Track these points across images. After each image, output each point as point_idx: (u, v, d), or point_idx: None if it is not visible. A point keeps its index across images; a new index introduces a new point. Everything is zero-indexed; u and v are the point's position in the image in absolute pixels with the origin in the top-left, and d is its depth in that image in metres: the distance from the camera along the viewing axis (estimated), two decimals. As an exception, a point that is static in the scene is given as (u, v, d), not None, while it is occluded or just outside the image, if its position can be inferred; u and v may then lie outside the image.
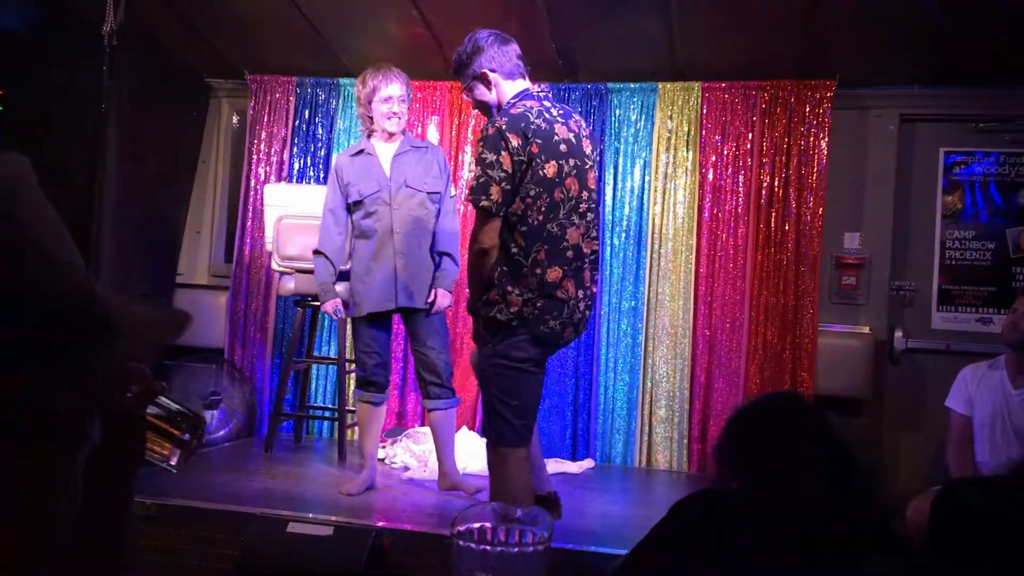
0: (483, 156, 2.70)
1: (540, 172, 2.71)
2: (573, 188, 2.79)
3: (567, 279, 2.76)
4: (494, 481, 2.82)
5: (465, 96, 3.10)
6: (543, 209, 2.71)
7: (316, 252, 3.77)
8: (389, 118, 3.65)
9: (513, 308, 2.71)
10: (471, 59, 2.92)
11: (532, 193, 2.70)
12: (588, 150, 2.93)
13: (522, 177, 2.70)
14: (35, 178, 0.65)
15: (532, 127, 2.71)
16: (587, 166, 2.88)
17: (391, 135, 3.71)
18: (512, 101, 2.86)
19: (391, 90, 3.62)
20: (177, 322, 0.76)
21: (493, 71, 2.89)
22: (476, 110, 3.14)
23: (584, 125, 3.01)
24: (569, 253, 2.77)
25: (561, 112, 2.90)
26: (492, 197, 2.67)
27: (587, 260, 2.85)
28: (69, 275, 0.63)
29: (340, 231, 3.74)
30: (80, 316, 0.62)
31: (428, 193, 3.66)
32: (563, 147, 2.78)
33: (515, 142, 2.68)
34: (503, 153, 2.67)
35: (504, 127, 2.70)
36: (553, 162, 2.73)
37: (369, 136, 3.77)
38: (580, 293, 2.82)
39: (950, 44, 4.15)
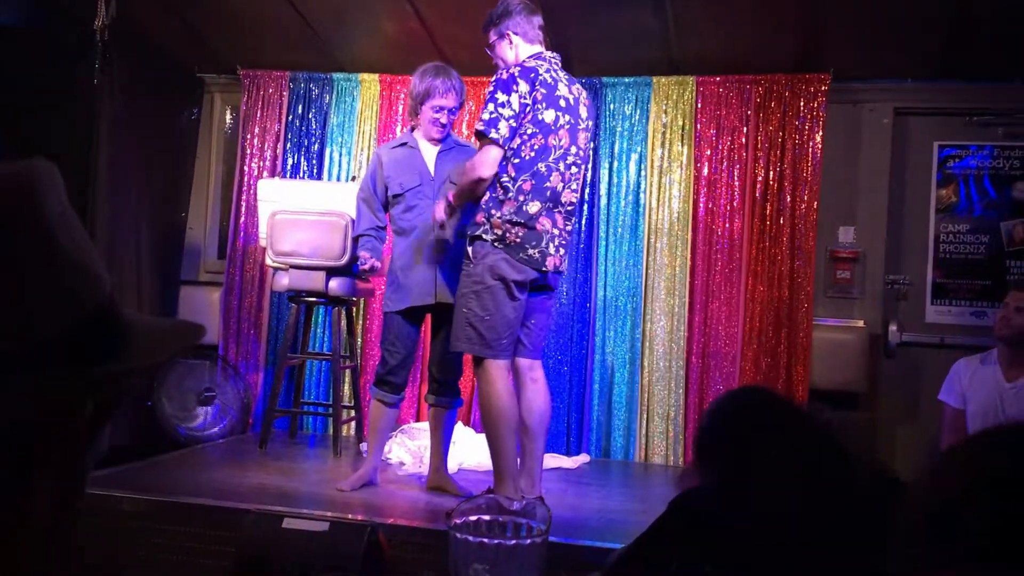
0: (496, 95, 3.08)
1: (539, 116, 3.09)
2: (564, 140, 3.16)
3: (543, 215, 3.12)
4: (480, 398, 3.23)
5: (487, 51, 3.36)
6: (536, 148, 3.10)
7: (356, 238, 3.72)
8: (435, 125, 3.60)
9: (497, 230, 3.09)
10: (500, 20, 3.27)
11: (529, 132, 3.09)
12: (584, 114, 3.26)
13: (524, 118, 3.08)
14: (63, 186, 0.65)
15: (540, 78, 3.10)
16: (580, 126, 3.23)
17: (434, 138, 3.67)
18: (526, 59, 3.22)
19: (446, 101, 3.57)
20: (191, 334, 0.76)
21: (516, 34, 3.25)
22: (495, 63, 3.41)
23: (585, 95, 3.32)
24: (549, 193, 3.12)
25: (566, 76, 3.26)
26: (500, 131, 3.06)
27: (564, 208, 3.20)
28: (95, 286, 0.63)
29: (374, 217, 3.67)
30: (102, 327, 0.62)
31: None
32: (562, 102, 3.16)
33: (524, 87, 3.07)
34: (513, 95, 3.07)
35: (517, 74, 3.10)
36: (552, 110, 3.12)
37: (412, 130, 3.72)
38: (555, 230, 3.16)
39: (944, 38, 4.15)
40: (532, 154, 3.09)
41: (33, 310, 0.58)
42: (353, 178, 4.88)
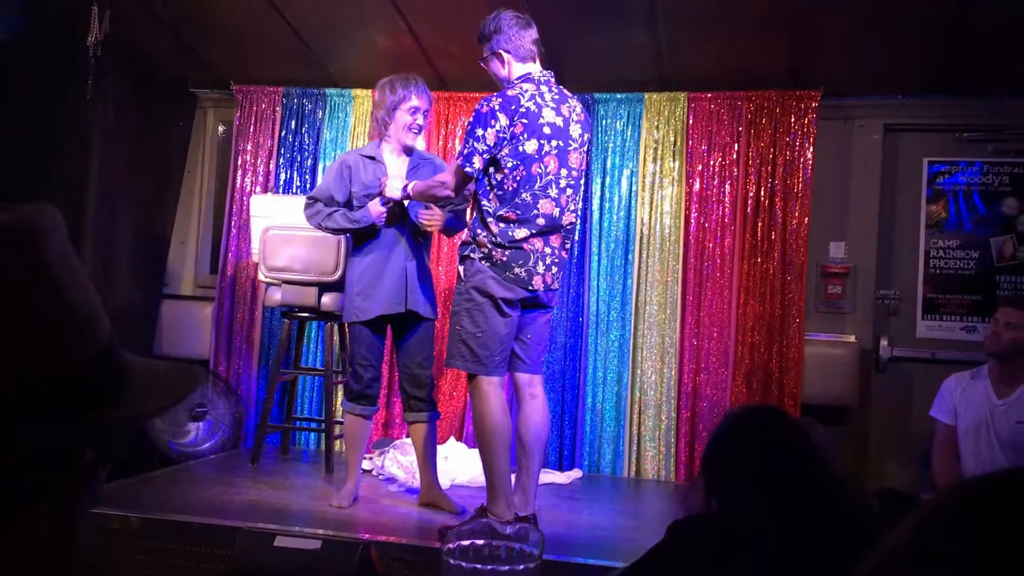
0: (474, 129, 3.09)
1: (520, 148, 3.07)
2: (552, 166, 3.12)
3: (534, 237, 3.12)
4: (474, 414, 3.21)
5: (481, 64, 3.33)
6: (518, 179, 3.08)
7: (329, 215, 3.59)
8: (411, 129, 3.60)
9: (483, 249, 3.11)
10: (491, 37, 3.23)
11: (510, 165, 3.08)
12: (576, 133, 3.21)
13: (501, 150, 3.07)
14: (65, 230, 0.65)
15: (521, 109, 3.06)
16: (570, 147, 3.18)
17: (405, 148, 3.65)
18: (515, 81, 3.18)
19: (421, 102, 3.58)
20: (190, 381, 0.76)
21: (507, 52, 3.20)
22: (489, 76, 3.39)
23: (579, 111, 3.27)
24: (540, 220, 3.11)
25: (555, 97, 3.18)
26: (475, 165, 3.09)
27: (563, 228, 3.19)
28: (97, 328, 0.64)
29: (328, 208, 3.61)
30: (103, 371, 0.63)
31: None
32: (547, 129, 3.11)
33: (503, 121, 3.05)
34: (490, 130, 3.06)
35: (497, 107, 3.07)
36: (534, 140, 3.08)
37: (380, 143, 3.69)
38: (547, 249, 3.15)
39: (934, 54, 4.19)
40: (514, 185, 3.08)
41: (38, 353, 0.59)
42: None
